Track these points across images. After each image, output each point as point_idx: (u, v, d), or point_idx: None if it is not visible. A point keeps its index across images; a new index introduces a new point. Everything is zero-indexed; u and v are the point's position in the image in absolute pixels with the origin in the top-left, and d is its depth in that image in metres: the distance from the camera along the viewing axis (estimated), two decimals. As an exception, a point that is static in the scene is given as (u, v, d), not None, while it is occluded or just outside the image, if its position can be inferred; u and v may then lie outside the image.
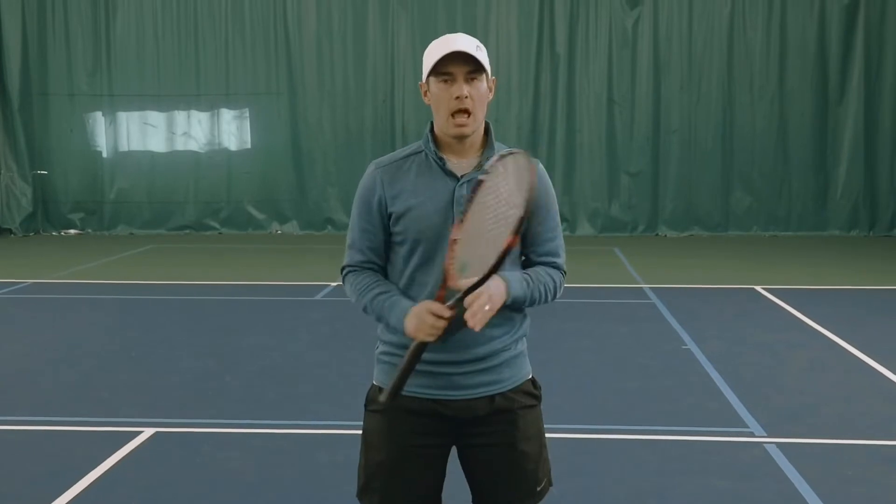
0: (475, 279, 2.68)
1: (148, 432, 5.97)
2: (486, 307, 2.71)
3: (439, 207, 2.88)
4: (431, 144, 2.93)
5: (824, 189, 17.85)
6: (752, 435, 5.94)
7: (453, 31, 17.61)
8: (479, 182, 2.75)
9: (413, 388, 2.89)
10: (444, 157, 2.92)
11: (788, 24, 17.71)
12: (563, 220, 17.73)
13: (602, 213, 18.08)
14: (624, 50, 17.98)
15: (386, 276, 3.02)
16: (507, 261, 2.75)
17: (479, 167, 2.89)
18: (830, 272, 13.01)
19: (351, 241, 3.02)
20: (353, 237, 3.01)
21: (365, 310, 2.97)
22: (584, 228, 17.97)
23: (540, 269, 2.99)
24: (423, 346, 2.75)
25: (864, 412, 6.48)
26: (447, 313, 2.71)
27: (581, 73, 18.06)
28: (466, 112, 2.85)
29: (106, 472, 5.29)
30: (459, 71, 2.85)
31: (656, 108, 17.98)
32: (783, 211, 17.93)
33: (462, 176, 2.90)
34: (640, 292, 11.26)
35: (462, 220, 2.75)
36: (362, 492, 3.03)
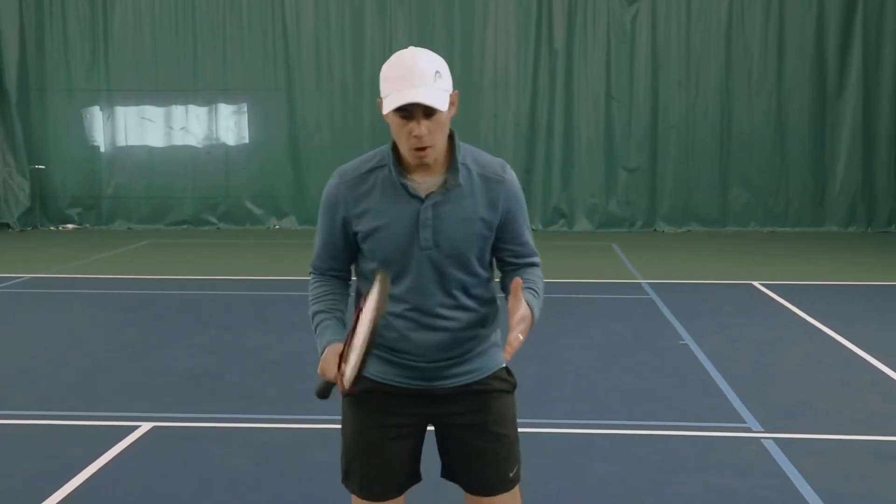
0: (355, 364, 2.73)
1: (146, 427, 5.97)
2: (522, 338, 2.73)
3: (405, 229, 2.87)
4: (393, 166, 2.89)
5: (822, 185, 17.87)
6: (749, 430, 5.95)
7: (451, 27, 17.78)
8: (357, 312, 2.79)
9: (389, 377, 2.98)
10: (408, 179, 2.88)
11: (787, 20, 17.71)
12: (561, 215, 17.88)
13: (600, 209, 18.08)
14: (622, 46, 17.98)
15: (347, 280, 3.11)
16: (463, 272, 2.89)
17: (444, 185, 2.86)
18: (828, 268, 13.01)
19: (316, 246, 3.09)
20: (318, 244, 3.08)
21: (310, 319, 3.09)
22: (582, 224, 17.97)
23: (533, 277, 3.00)
24: (328, 385, 2.91)
25: (862, 408, 6.49)
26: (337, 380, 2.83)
27: (579, 69, 18.06)
28: (426, 147, 2.80)
29: (104, 466, 5.29)
30: (417, 109, 2.76)
31: (654, 105, 17.98)
32: (781, 207, 17.94)
33: (427, 197, 2.86)
34: (637, 288, 11.26)
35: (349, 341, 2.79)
36: (345, 476, 3.10)
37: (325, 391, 2.91)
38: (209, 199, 18.57)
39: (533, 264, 3.05)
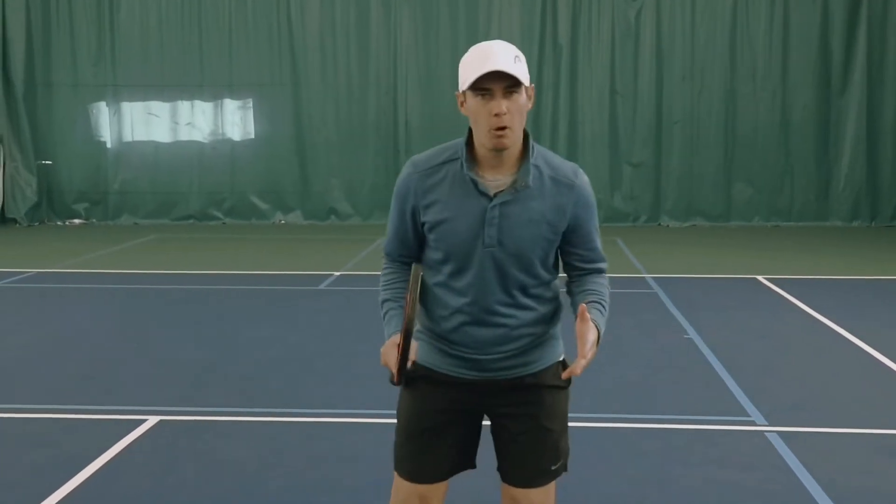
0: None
1: (152, 421, 5.98)
2: (585, 364, 2.81)
3: (471, 225, 2.87)
4: (465, 159, 2.89)
5: (826, 180, 17.87)
6: (753, 424, 5.94)
7: (456, 23, 17.77)
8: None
9: (444, 366, 3.01)
10: (479, 174, 2.89)
11: (791, 15, 17.70)
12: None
13: (604, 204, 18.05)
14: (626, 41, 17.97)
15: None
16: (540, 268, 2.95)
17: (513, 185, 2.87)
18: (832, 262, 13.01)
19: (388, 232, 3.10)
20: (390, 230, 3.09)
21: (380, 306, 3.08)
22: (587, 219, 17.94)
23: (600, 288, 3.01)
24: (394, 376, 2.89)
25: (866, 402, 6.48)
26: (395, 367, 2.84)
27: (584, 64, 18.06)
28: (505, 127, 2.80)
29: (111, 459, 5.30)
30: (497, 87, 2.77)
31: (659, 100, 17.99)
32: (785, 202, 17.94)
33: (495, 195, 2.86)
34: (642, 282, 11.27)
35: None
36: (396, 457, 3.10)
37: (399, 375, 2.92)
38: (215, 194, 18.60)
39: (599, 270, 3.05)
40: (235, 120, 18.71)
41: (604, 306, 2.98)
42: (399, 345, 2.80)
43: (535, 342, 3.01)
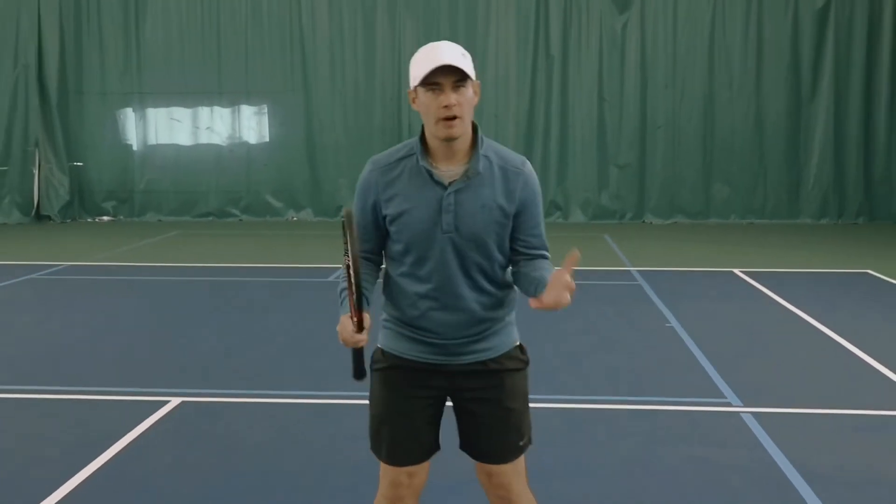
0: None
1: (175, 402, 5.99)
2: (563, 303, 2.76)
3: (429, 213, 2.86)
4: (420, 154, 2.90)
5: (797, 180, 17.88)
6: (729, 405, 5.95)
7: (456, 35, 17.74)
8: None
9: (411, 352, 2.98)
10: (433, 166, 2.88)
11: (765, 28, 17.73)
12: (557, 208, 17.86)
13: (593, 203, 18.09)
14: (613, 52, 17.97)
15: (378, 263, 3.08)
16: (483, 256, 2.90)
17: (465, 174, 2.87)
18: (802, 257, 13.00)
19: None
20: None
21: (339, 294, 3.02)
22: (577, 216, 17.98)
23: (543, 270, 2.94)
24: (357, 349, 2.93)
25: (832, 384, 6.49)
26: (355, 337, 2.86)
27: (573, 73, 18.06)
28: (454, 117, 2.80)
29: (137, 437, 5.31)
30: (447, 81, 2.78)
31: (643, 106, 17.99)
32: (759, 200, 17.96)
33: (449, 184, 2.87)
34: (627, 275, 11.27)
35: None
36: (373, 442, 3.09)
37: (358, 370, 2.95)
38: (232, 193, 18.60)
39: (543, 256, 3.01)
40: (251, 124, 18.71)
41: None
42: (355, 288, 2.78)
43: (495, 328, 2.99)
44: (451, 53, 2.78)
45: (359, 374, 2.95)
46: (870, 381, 6.58)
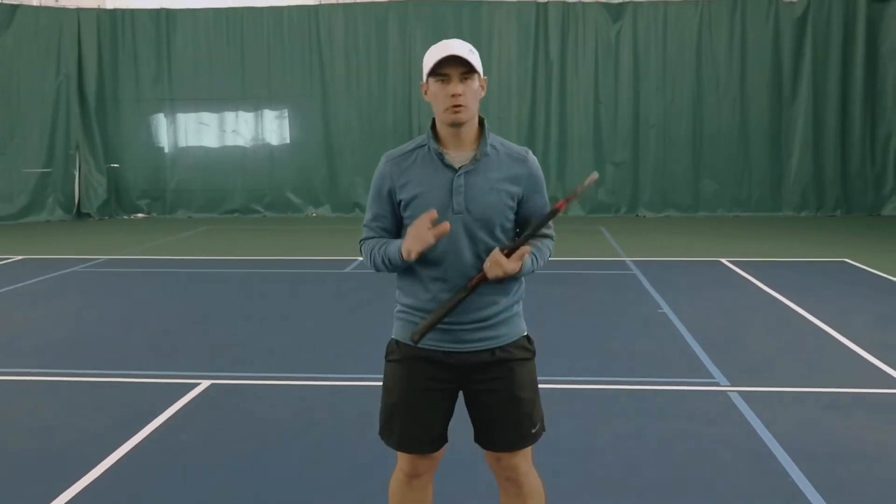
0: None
1: (205, 384, 6.00)
2: (499, 267, 2.76)
3: (441, 196, 2.84)
4: (432, 140, 2.89)
5: (779, 176, 17.86)
6: (717, 385, 5.94)
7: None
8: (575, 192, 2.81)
9: (425, 341, 2.90)
10: (444, 151, 2.88)
11: (748, 35, 17.72)
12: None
13: (590, 198, 18.06)
14: (608, 57, 17.94)
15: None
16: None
17: (474, 159, 2.86)
18: (784, 247, 12.97)
19: (367, 222, 3.01)
20: (368, 218, 3.00)
21: (374, 264, 2.95)
22: (575, 211, 17.96)
23: (540, 243, 2.97)
24: (455, 305, 2.81)
25: (812, 365, 6.47)
26: (432, 228, 2.74)
27: (571, 77, 18.04)
28: (461, 105, 2.80)
29: (170, 417, 5.32)
30: (454, 72, 2.78)
31: (636, 107, 17.97)
32: (744, 195, 17.93)
33: (459, 168, 2.85)
34: (623, 265, 11.25)
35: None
36: (383, 430, 3.03)
37: (426, 330, 2.82)
38: (256, 191, 18.63)
39: (547, 236, 3.02)
40: (273, 127, 18.74)
41: (538, 258, 2.93)
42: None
43: (503, 316, 2.93)
44: (459, 48, 2.79)
45: (424, 333, 2.83)
46: (847, 361, 6.56)
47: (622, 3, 17.91)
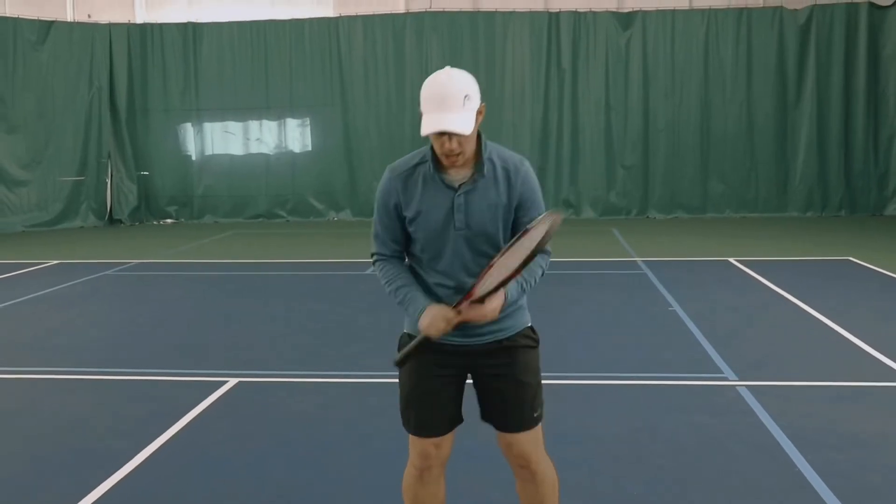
0: (490, 289, 2.75)
1: (232, 381, 6.04)
2: (488, 315, 2.79)
3: (442, 214, 2.88)
4: (431, 163, 2.90)
5: (784, 177, 17.77)
6: (725, 379, 5.93)
7: (476, 50, 17.72)
8: (525, 231, 2.74)
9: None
10: (444, 173, 2.89)
11: (754, 42, 17.64)
12: (570, 206, 17.81)
13: (602, 200, 18.04)
14: (618, 64, 17.90)
15: (404, 262, 3.05)
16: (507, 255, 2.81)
17: (472, 178, 2.87)
18: (790, 246, 12.92)
19: (375, 233, 3.03)
20: (377, 230, 3.02)
21: (390, 295, 3.02)
22: (587, 213, 17.94)
23: (533, 268, 2.92)
24: (428, 340, 2.85)
25: (817, 359, 6.45)
26: (455, 321, 2.81)
27: (583, 84, 18.02)
28: (457, 156, 2.80)
29: (199, 413, 5.36)
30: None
31: (646, 112, 17.92)
32: (751, 196, 17.86)
33: (459, 186, 2.87)
34: (634, 265, 11.23)
35: (501, 253, 2.78)
36: (403, 418, 3.09)
37: (404, 360, 2.90)
38: (279, 197, 18.71)
39: (542, 252, 2.95)
40: (295, 135, 18.81)
41: (526, 282, 2.91)
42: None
43: (508, 310, 2.94)
44: (453, 105, 2.71)
45: (403, 361, 2.92)
46: (851, 356, 6.53)
47: (631, 12, 17.88)
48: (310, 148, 18.77)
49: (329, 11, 18.52)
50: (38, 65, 17.74)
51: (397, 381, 3.09)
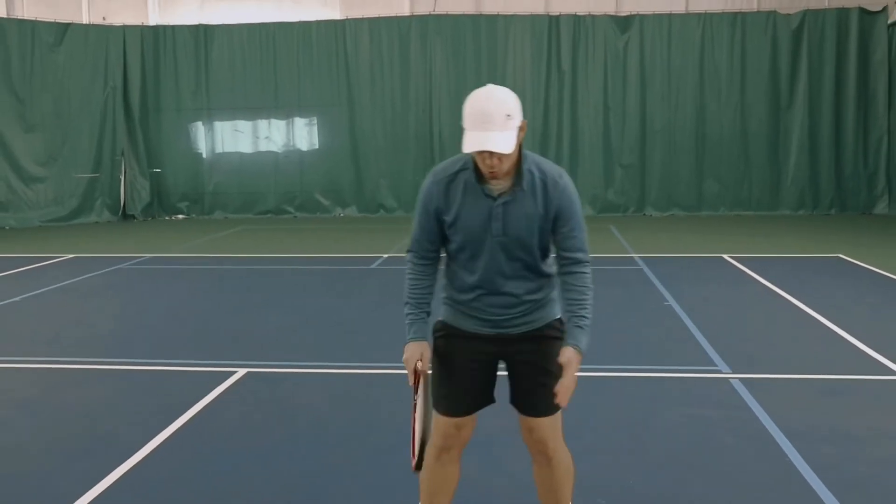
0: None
1: (241, 372, 6.04)
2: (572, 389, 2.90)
3: (481, 221, 2.90)
4: (474, 172, 2.90)
5: (777, 177, 17.77)
6: (719, 372, 5.92)
7: (479, 52, 17.70)
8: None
9: (468, 326, 3.04)
10: (485, 183, 2.89)
11: (748, 46, 17.64)
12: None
13: (600, 198, 18.04)
14: (616, 67, 17.89)
15: (438, 260, 3.08)
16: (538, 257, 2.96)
17: (511, 189, 2.88)
18: (782, 243, 12.90)
19: (414, 233, 3.06)
20: (416, 231, 3.05)
21: (403, 303, 3.08)
22: (586, 210, 17.82)
23: (581, 291, 2.94)
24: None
25: (808, 353, 6.44)
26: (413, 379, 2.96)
27: (582, 86, 18.00)
28: (498, 171, 2.82)
29: (209, 403, 5.36)
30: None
31: (643, 114, 17.91)
32: (745, 195, 17.86)
33: (498, 196, 2.89)
34: (631, 260, 11.22)
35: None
36: (436, 402, 3.11)
37: (419, 464, 2.97)
38: (288, 194, 18.72)
39: (579, 261, 2.95)
40: (303, 134, 18.81)
41: (584, 314, 2.93)
42: (414, 440, 2.92)
43: (537, 305, 3.03)
44: (497, 124, 2.71)
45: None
46: (841, 350, 6.52)
47: (629, 16, 17.86)
48: (317, 146, 18.78)
49: (336, 14, 18.51)
50: (54, 66, 17.75)
51: (404, 372, 3.09)
